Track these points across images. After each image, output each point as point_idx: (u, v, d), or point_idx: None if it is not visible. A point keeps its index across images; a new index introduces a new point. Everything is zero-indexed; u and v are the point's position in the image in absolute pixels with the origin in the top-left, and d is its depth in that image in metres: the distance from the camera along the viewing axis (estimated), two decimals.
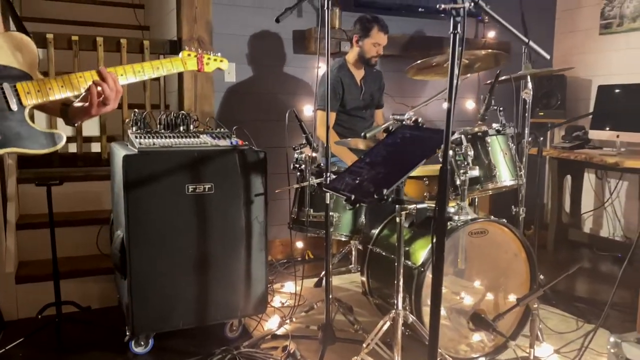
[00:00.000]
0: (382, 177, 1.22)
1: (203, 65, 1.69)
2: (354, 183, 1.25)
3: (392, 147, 1.31)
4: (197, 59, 1.66)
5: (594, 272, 3.78)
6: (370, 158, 1.30)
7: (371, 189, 1.18)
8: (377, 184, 1.20)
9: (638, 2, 3.91)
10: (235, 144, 2.38)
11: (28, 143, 1.32)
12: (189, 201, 2.26)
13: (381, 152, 1.30)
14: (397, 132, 1.35)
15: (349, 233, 2.56)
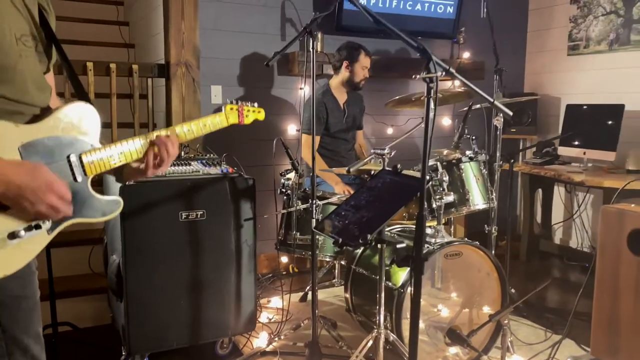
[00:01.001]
0: (366, 222, 1.37)
1: (243, 117, 1.76)
2: (340, 225, 1.40)
3: (374, 191, 1.46)
4: (239, 112, 1.73)
5: (564, 282, 4.00)
6: (355, 201, 1.46)
7: (356, 233, 1.33)
8: (361, 228, 1.35)
9: (602, 26, 4.15)
10: (226, 171, 2.51)
11: (91, 212, 1.36)
12: (182, 228, 2.39)
13: (364, 196, 1.45)
14: (379, 176, 1.50)
15: (333, 254, 2.71)
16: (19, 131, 1.24)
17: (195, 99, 3.57)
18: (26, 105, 1.29)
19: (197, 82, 3.55)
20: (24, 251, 1.26)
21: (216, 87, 3.68)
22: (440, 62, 1.40)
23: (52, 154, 1.29)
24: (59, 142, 1.30)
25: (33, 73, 1.30)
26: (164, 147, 1.43)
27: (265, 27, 3.78)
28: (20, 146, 1.23)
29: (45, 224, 1.28)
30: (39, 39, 1.34)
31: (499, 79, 3.12)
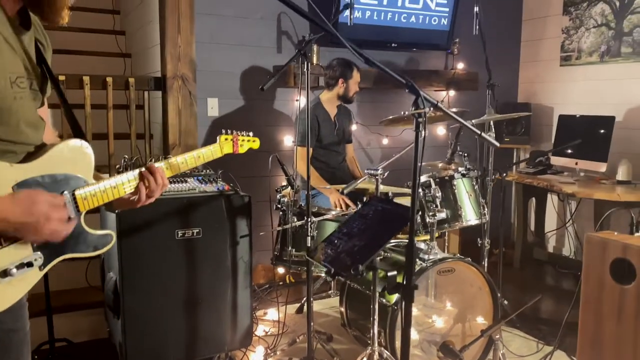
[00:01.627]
0: (357, 251, 1.41)
1: (238, 147, 1.79)
2: (333, 254, 1.44)
3: (366, 219, 1.50)
4: (233, 142, 1.75)
5: (557, 291, 4.06)
6: (347, 229, 1.49)
7: (348, 263, 1.37)
8: (353, 258, 1.39)
9: (594, 38, 4.20)
10: (222, 189, 2.55)
11: (83, 247, 1.38)
12: (178, 245, 2.42)
13: (356, 224, 1.49)
14: (371, 203, 1.54)
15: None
16: (12, 170, 1.25)
17: (192, 111, 3.60)
18: (20, 145, 1.30)
19: (193, 95, 3.58)
20: (15, 288, 1.28)
21: (213, 99, 3.71)
22: (429, 97, 1.43)
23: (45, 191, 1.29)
24: (53, 179, 1.31)
25: (27, 114, 1.32)
26: (153, 179, 1.46)
27: (262, 40, 3.82)
28: (14, 185, 1.24)
29: (37, 260, 1.30)
30: (34, 77, 1.36)
31: (492, 94, 3.17)
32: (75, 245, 1.36)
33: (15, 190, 1.24)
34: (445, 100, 4.53)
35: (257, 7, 3.76)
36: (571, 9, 4.36)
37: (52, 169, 1.32)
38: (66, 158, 1.35)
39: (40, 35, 1.41)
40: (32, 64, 1.35)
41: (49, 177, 1.31)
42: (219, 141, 1.74)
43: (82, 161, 1.38)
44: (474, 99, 4.54)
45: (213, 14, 3.63)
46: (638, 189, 3.59)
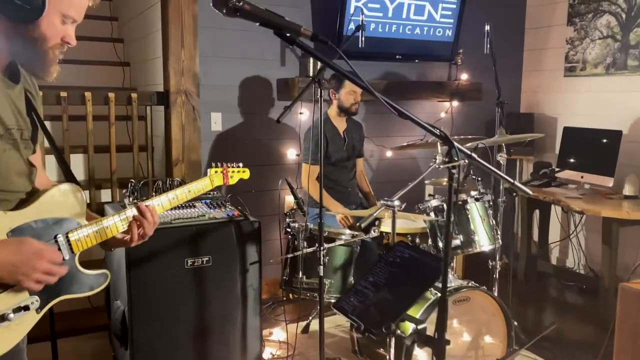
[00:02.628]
0: (388, 306, 1.36)
1: (228, 179, 1.80)
2: (362, 307, 1.39)
3: (393, 267, 1.45)
4: (223, 174, 1.77)
5: (562, 305, 4.04)
6: (374, 277, 1.44)
7: (378, 319, 1.32)
8: (383, 314, 1.34)
9: (599, 49, 4.17)
10: (231, 215, 2.49)
11: (79, 288, 1.40)
12: (188, 274, 2.37)
13: (384, 273, 1.44)
14: (397, 250, 1.49)
15: (339, 294, 2.70)
16: (6, 218, 1.29)
17: (195, 126, 3.53)
18: (11, 193, 1.34)
19: (197, 110, 3.51)
20: (13, 332, 1.30)
21: (216, 114, 3.65)
22: (464, 148, 1.38)
23: (39, 236, 1.32)
24: (46, 223, 1.34)
25: (16, 164, 1.35)
26: (145, 220, 1.48)
27: (265, 53, 3.75)
28: (9, 232, 1.28)
29: (34, 304, 1.32)
30: (24, 127, 1.38)
31: (501, 111, 3.13)
32: (70, 286, 1.38)
33: (10, 236, 1.28)
34: (449, 111, 4.49)
35: None
36: (576, 19, 4.32)
37: (45, 213, 1.35)
38: (58, 202, 1.39)
39: (29, 84, 1.43)
40: (22, 116, 1.37)
41: (41, 222, 1.34)
42: (209, 174, 1.79)
43: (73, 204, 1.42)
44: (477, 110, 4.50)
45: (216, 27, 3.56)
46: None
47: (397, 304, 1.35)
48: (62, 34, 1.29)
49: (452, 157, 1.32)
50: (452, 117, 4.49)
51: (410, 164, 4.43)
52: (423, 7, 4.01)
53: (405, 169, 4.39)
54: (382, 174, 4.29)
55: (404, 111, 1.37)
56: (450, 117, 4.47)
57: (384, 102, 1.34)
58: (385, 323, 1.29)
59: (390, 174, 4.31)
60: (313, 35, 1.29)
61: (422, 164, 4.48)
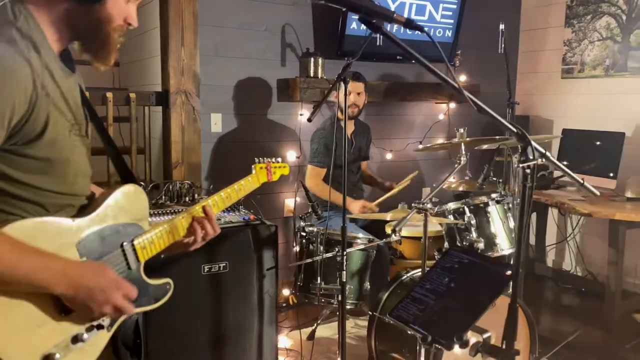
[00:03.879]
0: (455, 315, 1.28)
1: (271, 175, 1.71)
2: (424, 316, 1.30)
3: (453, 274, 1.37)
4: (267, 170, 1.67)
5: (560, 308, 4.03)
6: (432, 285, 1.36)
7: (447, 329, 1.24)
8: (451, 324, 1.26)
9: (598, 51, 4.19)
10: (247, 219, 2.38)
11: (146, 300, 1.31)
12: (205, 281, 2.25)
13: (442, 280, 1.36)
14: (452, 254, 1.41)
15: (355, 300, 2.61)
16: (75, 226, 1.19)
17: (195, 128, 3.40)
18: (76, 197, 1.25)
19: (197, 110, 3.38)
20: (87, 354, 1.21)
21: (216, 115, 3.52)
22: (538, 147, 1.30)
23: (106, 245, 1.23)
24: (113, 230, 1.25)
25: (82, 163, 1.26)
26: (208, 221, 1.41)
27: (266, 53, 3.64)
28: (77, 243, 1.18)
29: (105, 321, 1.23)
30: (82, 122, 1.27)
31: (512, 113, 3.09)
32: (138, 299, 1.27)
33: (79, 247, 1.18)
34: (447, 113, 4.45)
35: (262, 19, 3.58)
36: (574, 21, 4.33)
37: (110, 219, 1.26)
38: (122, 206, 1.29)
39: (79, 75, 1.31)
40: (79, 109, 1.26)
41: (109, 229, 1.24)
42: (255, 171, 1.67)
43: (138, 207, 1.33)
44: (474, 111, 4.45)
45: (217, 26, 3.44)
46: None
47: (465, 313, 1.27)
48: (125, 14, 1.19)
49: (527, 156, 1.24)
50: (449, 119, 4.45)
51: (410, 166, 4.36)
52: (424, 7, 3.97)
53: (406, 171, 4.31)
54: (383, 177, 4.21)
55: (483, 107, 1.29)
56: (447, 119, 4.43)
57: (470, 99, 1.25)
58: (456, 333, 1.20)
59: (391, 177, 4.23)
60: (407, 21, 1.19)
61: (423, 167, 4.43)
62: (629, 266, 3.84)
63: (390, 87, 4.00)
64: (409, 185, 4.29)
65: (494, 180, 2.61)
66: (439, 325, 1.24)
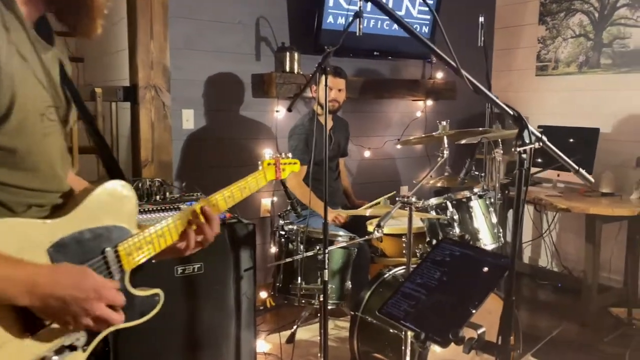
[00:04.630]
0: (449, 310, 1.20)
1: (280, 172, 1.56)
2: (415, 312, 1.21)
3: (444, 267, 1.29)
4: (275, 167, 1.52)
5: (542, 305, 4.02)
6: (422, 279, 1.27)
7: (441, 325, 1.16)
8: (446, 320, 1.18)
9: (572, 48, 4.20)
10: (223, 217, 2.26)
11: (130, 314, 1.12)
12: (178, 283, 2.13)
13: (433, 273, 1.28)
14: (442, 247, 1.33)
15: (337, 300, 2.52)
16: (47, 228, 1.00)
17: (166, 124, 3.26)
18: (47, 194, 1.05)
19: (167, 106, 3.24)
20: None
21: (188, 111, 3.38)
22: (535, 131, 1.24)
23: (85, 251, 1.05)
24: (93, 234, 1.07)
25: (56, 152, 1.06)
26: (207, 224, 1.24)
27: (239, 47, 3.52)
28: (50, 247, 0.99)
29: (79, 340, 1.04)
30: (59, 105, 1.08)
31: (491, 108, 3.05)
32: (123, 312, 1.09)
33: (51, 253, 0.98)
34: (424, 110, 4.40)
35: (235, 11, 3.47)
36: (547, 18, 4.34)
37: (91, 221, 1.07)
38: (105, 206, 1.10)
39: (61, 49, 1.12)
40: (57, 89, 1.07)
41: (88, 233, 1.06)
42: (262, 167, 1.51)
43: (123, 207, 1.14)
44: (451, 109, 4.43)
45: (188, 18, 3.31)
46: (625, 202, 3.59)
47: (459, 308, 1.19)
48: None
49: (524, 140, 1.17)
50: (426, 117, 4.41)
51: (387, 164, 4.31)
52: (401, 1, 3.91)
53: (383, 169, 4.27)
54: (360, 175, 4.15)
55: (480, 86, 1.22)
56: (425, 116, 4.39)
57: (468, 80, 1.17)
58: (451, 329, 1.12)
59: (368, 175, 4.17)
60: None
61: (400, 164, 4.37)
62: (604, 260, 3.85)
63: (367, 84, 3.92)
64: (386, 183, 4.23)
65: (476, 175, 2.55)
66: (433, 322, 1.16)
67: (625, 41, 3.87)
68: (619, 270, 3.92)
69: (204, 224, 1.21)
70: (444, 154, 2.22)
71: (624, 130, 3.93)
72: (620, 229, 3.82)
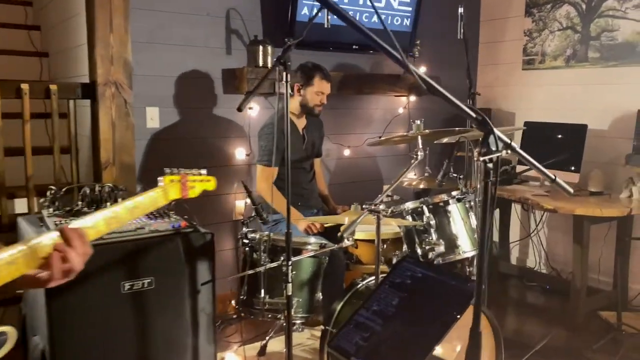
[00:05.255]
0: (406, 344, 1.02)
1: (187, 190, 1.34)
2: (369, 346, 1.04)
3: (403, 292, 1.12)
4: (181, 184, 1.30)
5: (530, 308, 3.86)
6: (379, 306, 1.10)
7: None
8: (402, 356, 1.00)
9: (559, 41, 4.03)
10: (177, 226, 2.07)
11: None
12: (125, 301, 1.93)
13: (391, 299, 1.10)
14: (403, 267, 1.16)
15: (305, 313, 2.34)
16: None
17: (128, 123, 3.05)
18: None
19: (129, 104, 3.03)
20: None
21: (152, 108, 3.18)
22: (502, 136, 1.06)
23: None
24: None
25: None
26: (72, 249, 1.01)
27: (208, 40, 3.32)
28: None
29: None
30: None
31: (473, 104, 2.87)
32: None
33: None
34: (407, 107, 4.22)
35: (203, 2, 3.26)
36: (534, 10, 4.17)
37: None
38: None
39: None
40: None
41: None
42: (164, 184, 1.30)
43: None
44: (435, 104, 4.25)
45: (152, 9, 3.10)
46: (614, 201, 3.43)
47: (419, 341, 1.01)
48: None
49: (490, 147, 0.99)
50: (409, 113, 4.22)
51: (368, 163, 4.13)
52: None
53: (364, 169, 4.09)
54: (340, 175, 3.96)
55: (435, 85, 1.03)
56: (408, 112, 4.21)
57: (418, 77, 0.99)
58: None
59: (348, 175, 3.99)
60: None
61: (381, 163, 4.19)
62: (593, 262, 3.70)
63: (346, 79, 3.73)
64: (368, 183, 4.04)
65: (455, 177, 2.38)
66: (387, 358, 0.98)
67: (614, 34, 3.70)
68: (608, 271, 3.77)
69: (69, 250, 1.00)
70: (418, 155, 2.05)
71: (612, 126, 3.77)
72: (609, 229, 3.67)
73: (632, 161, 3.43)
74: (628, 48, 3.64)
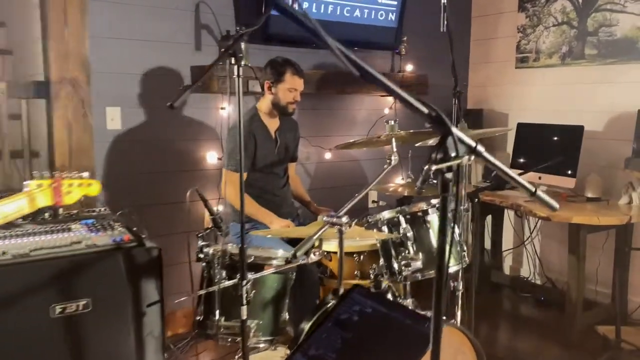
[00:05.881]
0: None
1: (62, 197, 1.12)
2: None
3: (349, 331, 0.89)
4: (53, 189, 1.09)
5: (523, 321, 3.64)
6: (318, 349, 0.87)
7: None
8: None
9: (554, 38, 3.81)
10: (120, 240, 1.83)
11: None
12: (57, 326, 1.69)
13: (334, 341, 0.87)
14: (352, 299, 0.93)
15: (269, 335, 2.10)
16: None
17: (86, 124, 2.83)
18: None
19: (87, 103, 2.81)
20: None
21: (113, 109, 2.95)
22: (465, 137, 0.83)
23: None
24: None
25: None
26: None
27: (176, 35, 3.09)
28: None
29: None
30: None
31: (458, 104, 2.64)
32: None
33: None
34: (393, 107, 3.99)
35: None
36: (528, 5, 3.94)
37: None
38: None
39: None
40: None
41: None
42: (29, 189, 1.09)
43: None
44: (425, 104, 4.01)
45: (112, 2, 2.87)
46: (613, 208, 3.21)
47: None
48: None
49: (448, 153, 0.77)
50: (395, 113, 3.99)
51: (352, 167, 3.90)
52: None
53: (346, 172, 3.85)
54: (320, 179, 3.73)
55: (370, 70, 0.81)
56: (394, 113, 3.97)
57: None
58: None
59: (330, 179, 3.76)
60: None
61: (366, 167, 3.96)
62: (590, 272, 3.46)
63: (327, 77, 3.50)
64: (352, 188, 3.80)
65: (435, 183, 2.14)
66: None
67: (612, 29, 3.48)
68: (606, 283, 3.54)
69: None
70: (392, 159, 1.82)
71: (611, 127, 3.54)
72: (607, 237, 3.44)
73: (631, 165, 3.19)
74: (627, 44, 3.41)
